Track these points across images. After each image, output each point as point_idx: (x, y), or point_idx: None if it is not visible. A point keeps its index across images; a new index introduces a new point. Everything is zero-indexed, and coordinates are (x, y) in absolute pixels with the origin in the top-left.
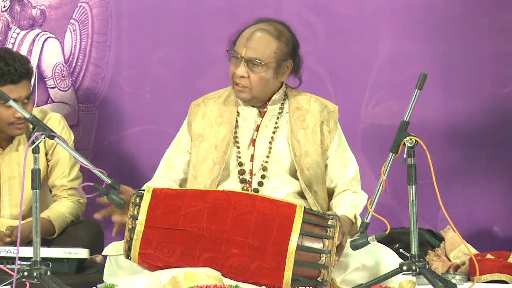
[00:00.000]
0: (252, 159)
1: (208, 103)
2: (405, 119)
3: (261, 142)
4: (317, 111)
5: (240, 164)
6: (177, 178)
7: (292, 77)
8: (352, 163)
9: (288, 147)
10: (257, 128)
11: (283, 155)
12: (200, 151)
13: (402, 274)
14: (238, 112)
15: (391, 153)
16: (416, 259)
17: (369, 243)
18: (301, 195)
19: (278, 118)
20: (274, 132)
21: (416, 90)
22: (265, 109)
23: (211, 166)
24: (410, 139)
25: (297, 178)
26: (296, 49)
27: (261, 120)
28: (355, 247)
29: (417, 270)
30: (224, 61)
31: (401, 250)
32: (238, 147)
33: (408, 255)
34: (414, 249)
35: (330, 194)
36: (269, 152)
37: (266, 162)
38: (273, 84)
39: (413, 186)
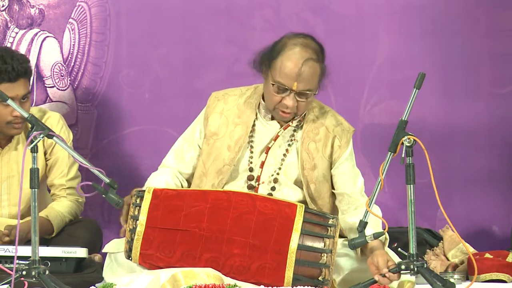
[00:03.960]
0: (262, 166)
1: (228, 100)
2: (403, 119)
3: (275, 151)
4: (331, 125)
5: (251, 169)
6: (185, 172)
7: None
8: (360, 177)
9: (297, 158)
10: (276, 138)
11: (292, 166)
12: (212, 149)
13: (401, 274)
14: (256, 117)
15: (389, 153)
16: (414, 258)
17: (367, 242)
18: (307, 204)
19: (295, 130)
20: (290, 145)
21: (415, 89)
22: (291, 123)
23: (221, 165)
24: (408, 138)
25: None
26: (325, 57)
27: (282, 132)
28: (353, 246)
29: (415, 269)
30: (223, 61)
31: (399, 249)
32: (251, 152)
33: (406, 254)
34: (413, 248)
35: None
36: (281, 164)
37: (278, 174)
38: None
39: (411, 186)
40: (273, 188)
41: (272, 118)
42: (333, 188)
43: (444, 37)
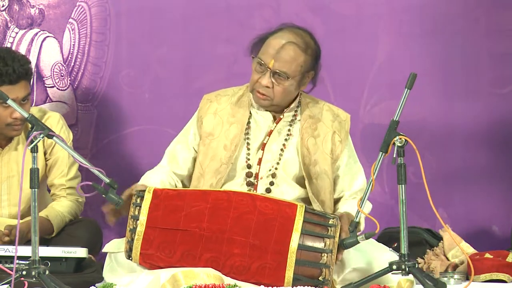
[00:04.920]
0: (259, 163)
1: (221, 100)
2: (394, 119)
3: (271, 147)
4: (329, 120)
5: (249, 166)
6: (179, 174)
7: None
8: (361, 175)
9: (297, 155)
10: (270, 133)
11: (291, 162)
12: (209, 149)
13: (392, 274)
14: (250, 114)
15: (380, 153)
16: (406, 258)
17: (359, 242)
18: (307, 202)
19: (291, 125)
20: (286, 140)
21: (406, 89)
22: (281, 116)
23: (219, 165)
24: (400, 138)
25: (303, 186)
26: (318, 59)
27: (275, 126)
28: (345, 246)
29: (407, 269)
30: (223, 61)
31: (390, 249)
32: (248, 149)
33: (397, 254)
34: (404, 249)
35: (336, 202)
36: (279, 159)
37: (276, 169)
38: (294, 94)
39: (403, 186)
40: (271, 183)
41: (266, 110)
42: (333, 190)
43: (444, 37)
